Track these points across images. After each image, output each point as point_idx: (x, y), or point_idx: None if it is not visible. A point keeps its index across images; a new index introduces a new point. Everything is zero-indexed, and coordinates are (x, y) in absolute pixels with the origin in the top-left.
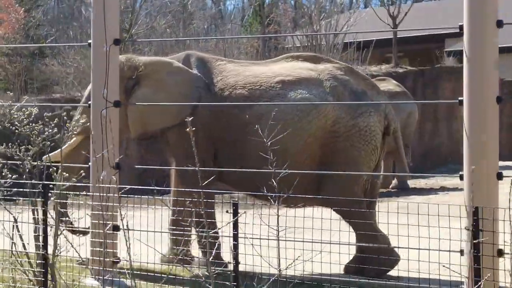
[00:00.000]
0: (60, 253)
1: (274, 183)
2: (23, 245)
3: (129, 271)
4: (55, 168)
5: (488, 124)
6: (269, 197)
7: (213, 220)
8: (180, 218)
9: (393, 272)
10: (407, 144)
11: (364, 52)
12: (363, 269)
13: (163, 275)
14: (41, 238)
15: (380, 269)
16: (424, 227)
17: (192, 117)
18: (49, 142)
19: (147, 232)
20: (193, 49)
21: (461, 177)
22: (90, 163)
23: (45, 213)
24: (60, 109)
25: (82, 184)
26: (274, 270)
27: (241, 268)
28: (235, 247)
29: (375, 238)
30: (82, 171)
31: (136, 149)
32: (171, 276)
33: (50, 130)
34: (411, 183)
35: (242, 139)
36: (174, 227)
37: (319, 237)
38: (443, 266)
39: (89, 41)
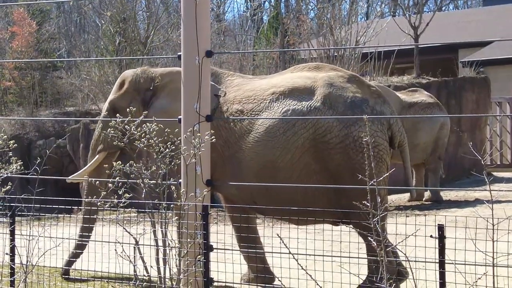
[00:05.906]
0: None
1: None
2: (145, 268)
3: None
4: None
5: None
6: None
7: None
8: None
9: None
10: (439, 156)
11: (384, 62)
12: None
13: None
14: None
15: None
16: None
17: None
18: (178, 160)
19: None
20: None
21: None
22: (180, 180)
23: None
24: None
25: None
26: None
27: None
28: (442, 276)
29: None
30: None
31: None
32: None
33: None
34: (442, 195)
35: (237, 154)
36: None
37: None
38: None
39: (179, 53)
